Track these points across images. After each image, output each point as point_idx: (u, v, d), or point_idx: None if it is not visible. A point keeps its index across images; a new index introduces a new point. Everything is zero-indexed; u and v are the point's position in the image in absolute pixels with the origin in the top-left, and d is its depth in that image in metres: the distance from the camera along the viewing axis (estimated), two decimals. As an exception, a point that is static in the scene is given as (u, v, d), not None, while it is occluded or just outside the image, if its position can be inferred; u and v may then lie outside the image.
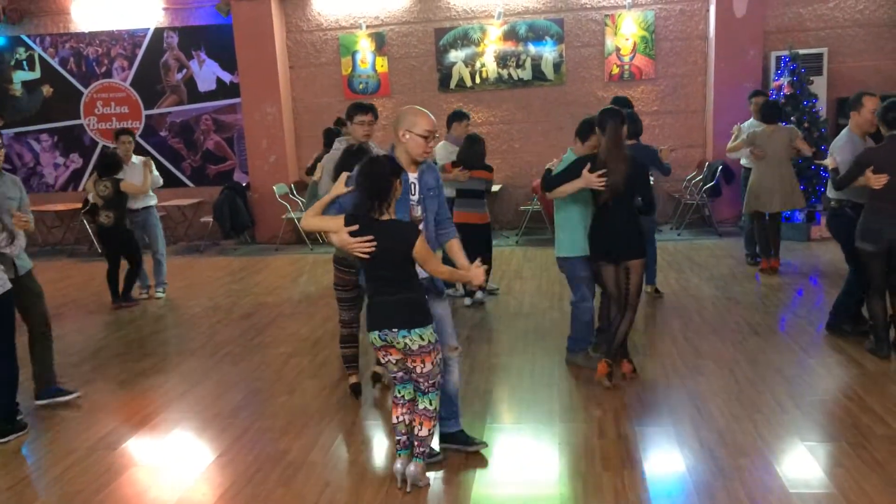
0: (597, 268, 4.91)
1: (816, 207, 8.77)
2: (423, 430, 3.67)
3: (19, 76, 11.30)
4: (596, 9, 10.15)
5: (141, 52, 11.02)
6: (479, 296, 6.99)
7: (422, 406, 3.67)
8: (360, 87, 10.67)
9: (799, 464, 3.81)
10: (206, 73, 10.94)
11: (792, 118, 8.76)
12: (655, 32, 10.08)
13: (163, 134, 11.19)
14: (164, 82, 11.07)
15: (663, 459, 3.94)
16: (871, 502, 3.42)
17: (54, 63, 11.21)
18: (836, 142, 5.47)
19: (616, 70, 10.22)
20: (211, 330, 6.71)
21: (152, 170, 7.76)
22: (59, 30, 11.14)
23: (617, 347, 4.93)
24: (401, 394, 3.76)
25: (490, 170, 6.79)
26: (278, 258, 9.76)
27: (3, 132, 11.38)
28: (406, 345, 3.54)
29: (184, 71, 10.99)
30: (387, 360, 3.68)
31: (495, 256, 8.87)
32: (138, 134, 11.13)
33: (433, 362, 3.61)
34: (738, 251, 8.48)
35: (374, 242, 3.47)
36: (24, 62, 11.26)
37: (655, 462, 3.91)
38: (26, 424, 4.72)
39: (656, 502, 3.53)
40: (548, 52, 10.27)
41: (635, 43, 10.12)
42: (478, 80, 10.45)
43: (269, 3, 10.27)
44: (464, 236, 6.72)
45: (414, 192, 3.80)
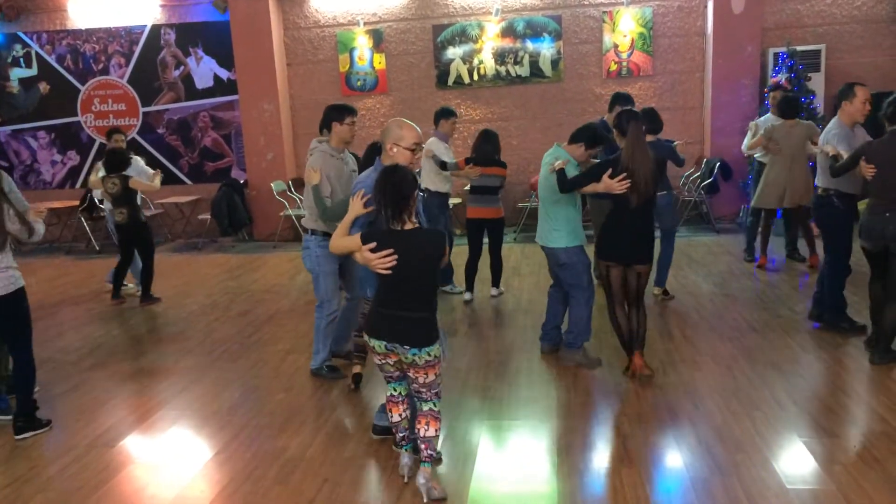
0: (605, 269, 4.90)
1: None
2: (429, 431, 3.60)
3: (16, 73, 11.27)
4: (594, 5, 10.14)
5: (138, 49, 11.00)
6: (493, 292, 7.14)
7: (426, 407, 3.63)
8: (358, 83, 10.66)
9: (796, 460, 3.81)
10: (204, 69, 10.92)
11: (802, 114, 8.73)
12: (653, 29, 10.07)
13: (160, 131, 11.17)
14: (161, 79, 11.04)
15: (661, 456, 3.95)
16: (868, 499, 3.43)
17: (51, 60, 11.18)
18: (829, 130, 5.51)
19: (614, 67, 10.22)
20: (208, 327, 6.71)
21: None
22: (55, 27, 11.11)
23: (641, 342, 4.96)
24: (396, 391, 3.76)
25: (504, 166, 6.81)
26: (276, 255, 9.75)
27: (0, 129, 11.39)
28: (413, 360, 3.51)
29: (181, 68, 10.97)
30: (383, 363, 3.64)
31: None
32: (136, 131, 11.14)
33: (436, 373, 3.60)
34: (735, 248, 8.49)
35: (395, 255, 3.42)
36: (21, 59, 11.23)
37: (653, 459, 3.92)
38: (49, 421, 4.72)
39: (654, 499, 3.53)
40: (546, 49, 10.27)
41: (633, 39, 10.12)
42: (476, 76, 10.44)
43: (266, -1, 10.27)
44: (478, 231, 6.94)
45: None
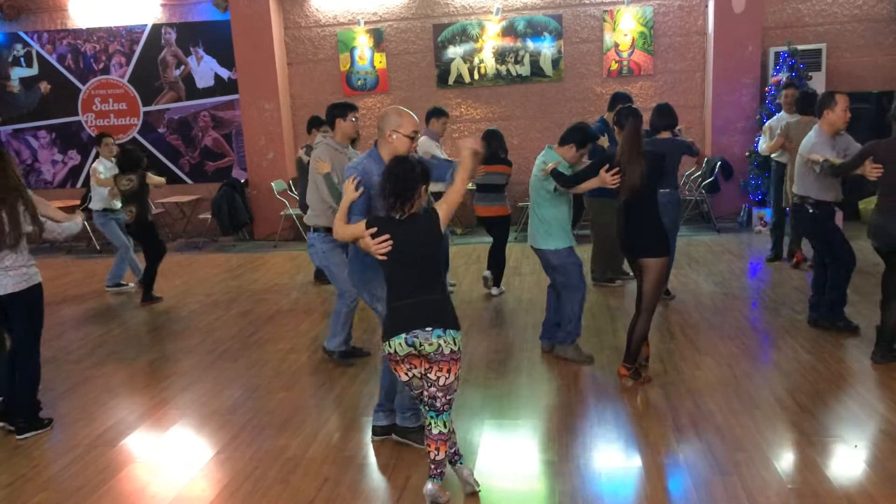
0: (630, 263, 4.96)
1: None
2: (439, 455, 3.46)
3: (17, 73, 11.28)
4: (594, 4, 10.14)
5: (139, 49, 11.00)
6: (494, 291, 7.21)
7: (436, 431, 3.44)
8: (359, 83, 10.66)
9: (797, 460, 3.81)
10: (205, 69, 10.93)
11: None
12: (654, 28, 10.07)
13: (161, 130, 11.17)
14: (162, 79, 11.05)
15: (662, 455, 3.94)
16: (870, 499, 3.42)
17: (52, 59, 11.19)
18: (808, 141, 5.46)
19: (615, 66, 10.21)
20: (209, 326, 6.71)
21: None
22: (56, 26, 11.11)
23: (635, 351, 4.80)
24: (446, 428, 3.48)
25: (509, 164, 6.90)
26: (277, 255, 9.75)
27: (0, 129, 11.39)
28: (439, 346, 3.31)
29: (182, 67, 10.97)
30: (411, 376, 3.43)
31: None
32: (136, 130, 11.15)
33: (456, 374, 3.43)
34: (736, 247, 8.49)
35: (390, 241, 3.38)
36: (22, 59, 11.23)
37: (654, 458, 3.92)
38: (50, 421, 4.73)
39: (654, 497, 3.53)
40: (546, 49, 10.26)
41: (634, 39, 10.12)
42: (476, 76, 10.44)
43: (267, -1, 10.27)
44: (487, 228, 7.03)
45: None
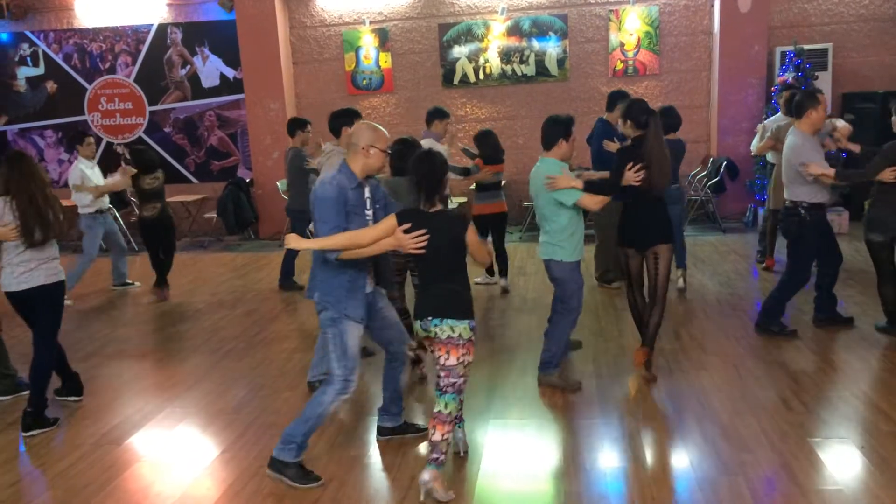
0: (625, 256, 4.99)
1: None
2: (435, 435, 3.54)
3: (23, 72, 11.31)
4: (600, 4, 10.13)
5: (145, 48, 11.02)
6: (503, 282, 7.31)
7: (436, 409, 3.56)
8: (364, 83, 10.66)
9: (803, 460, 3.80)
10: (210, 68, 10.94)
11: None
12: (659, 28, 10.05)
13: (167, 130, 11.19)
14: (167, 78, 11.07)
15: (667, 455, 3.94)
16: (876, 499, 3.42)
17: (58, 59, 11.21)
18: (797, 147, 5.32)
19: (620, 65, 10.20)
20: (214, 326, 6.73)
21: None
22: (62, 26, 11.14)
23: (652, 339, 4.96)
24: (447, 409, 3.58)
25: (503, 162, 7.25)
26: (282, 254, 9.74)
27: (7, 128, 11.43)
28: (436, 334, 3.55)
29: (187, 67, 10.99)
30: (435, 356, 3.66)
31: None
32: (142, 130, 11.18)
33: (458, 359, 3.53)
34: (742, 247, 8.47)
35: (426, 235, 3.50)
36: (28, 58, 11.26)
37: (659, 458, 3.91)
38: (56, 420, 4.75)
39: (660, 497, 3.53)
40: (551, 48, 10.25)
41: (639, 38, 10.10)
42: (481, 75, 10.44)
43: (272, -2, 10.28)
44: (487, 225, 7.11)
45: (368, 207, 3.79)
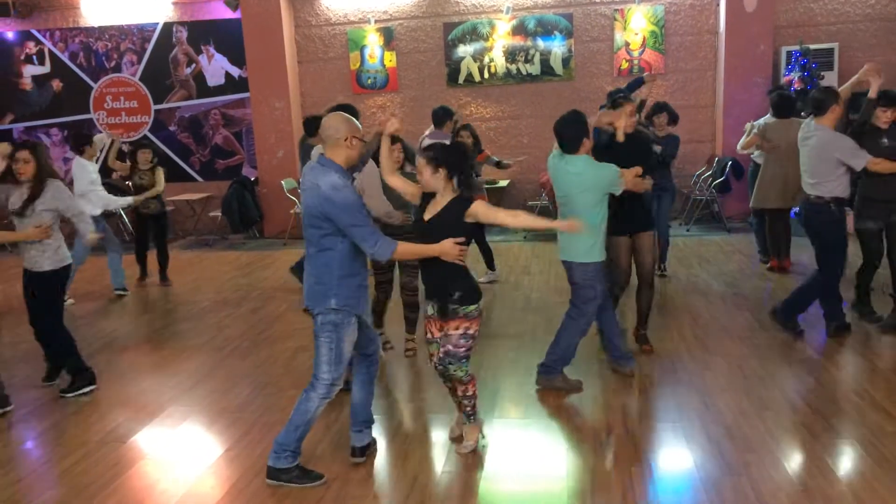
0: (610, 241, 5.06)
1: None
2: (460, 393, 4.01)
3: (29, 70, 11.35)
4: (605, 3, 10.11)
5: (150, 47, 11.04)
6: (483, 279, 7.44)
7: (455, 379, 3.94)
8: (369, 81, 10.67)
9: (807, 460, 3.79)
10: (215, 67, 10.96)
11: (802, 113, 8.70)
12: (665, 27, 10.03)
13: (172, 128, 11.22)
14: (173, 77, 11.09)
15: (671, 455, 3.94)
16: (881, 500, 3.41)
17: (64, 57, 11.25)
18: (833, 141, 5.30)
19: (625, 65, 10.18)
20: (219, 324, 6.74)
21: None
22: (68, 24, 11.17)
23: (646, 318, 5.40)
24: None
25: (483, 151, 7.54)
26: (286, 252, 9.77)
27: (13, 126, 11.46)
28: (433, 314, 3.90)
29: (193, 65, 11.01)
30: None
31: (503, 250, 8.92)
32: (147, 128, 11.20)
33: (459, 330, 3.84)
34: (747, 247, 8.45)
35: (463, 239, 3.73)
36: (34, 56, 11.30)
37: (663, 457, 3.91)
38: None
39: (664, 498, 3.52)
40: (557, 47, 10.24)
41: (645, 38, 10.08)
42: (486, 74, 10.43)
43: (277, -3, 10.29)
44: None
45: None
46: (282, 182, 10.24)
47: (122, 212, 10.40)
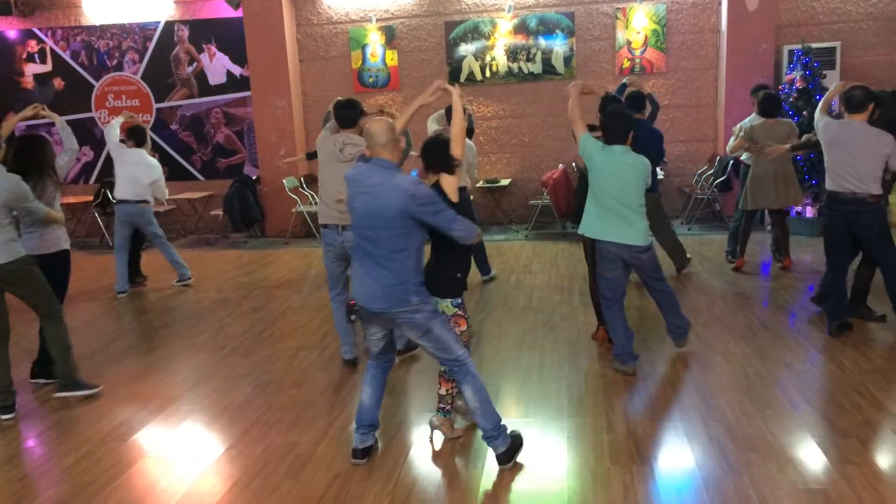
0: (590, 243, 5.16)
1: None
2: (441, 389, 4.19)
3: (31, 69, 11.36)
4: (607, 2, 10.10)
5: (152, 45, 11.05)
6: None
7: (441, 370, 4.12)
8: (370, 80, 10.66)
9: (809, 460, 3.79)
10: (217, 66, 10.96)
11: (804, 112, 8.69)
12: (667, 26, 10.02)
13: (173, 127, 11.22)
14: (174, 75, 11.09)
15: (672, 454, 3.94)
16: (882, 499, 3.40)
17: (66, 56, 11.25)
18: (879, 138, 5.31)
19: (627, 64, 10.17)
20: (220, 323, 6.74)
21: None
22: (70, 23, 11.18)
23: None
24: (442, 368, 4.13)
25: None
26: (288, 251, 9.78)
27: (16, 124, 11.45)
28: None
29: (194, 64, 11.01)
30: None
31: (504, 250, 8.92)
32: (149, 127, 11.20)
33: (451, 328, 3.92)
34: (748, 246, 8.42)
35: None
36: (36, 55, 11.31)
37: (664, 457, 3.91)
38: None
39: (665, 497, 3.52)
40: (558, 46, 10.23)
41: (646, 36, 10.07)
42: (488, 73, 10.42)
43: (279, -4, 10.28)
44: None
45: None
46: (283, 181, 10.24)
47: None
